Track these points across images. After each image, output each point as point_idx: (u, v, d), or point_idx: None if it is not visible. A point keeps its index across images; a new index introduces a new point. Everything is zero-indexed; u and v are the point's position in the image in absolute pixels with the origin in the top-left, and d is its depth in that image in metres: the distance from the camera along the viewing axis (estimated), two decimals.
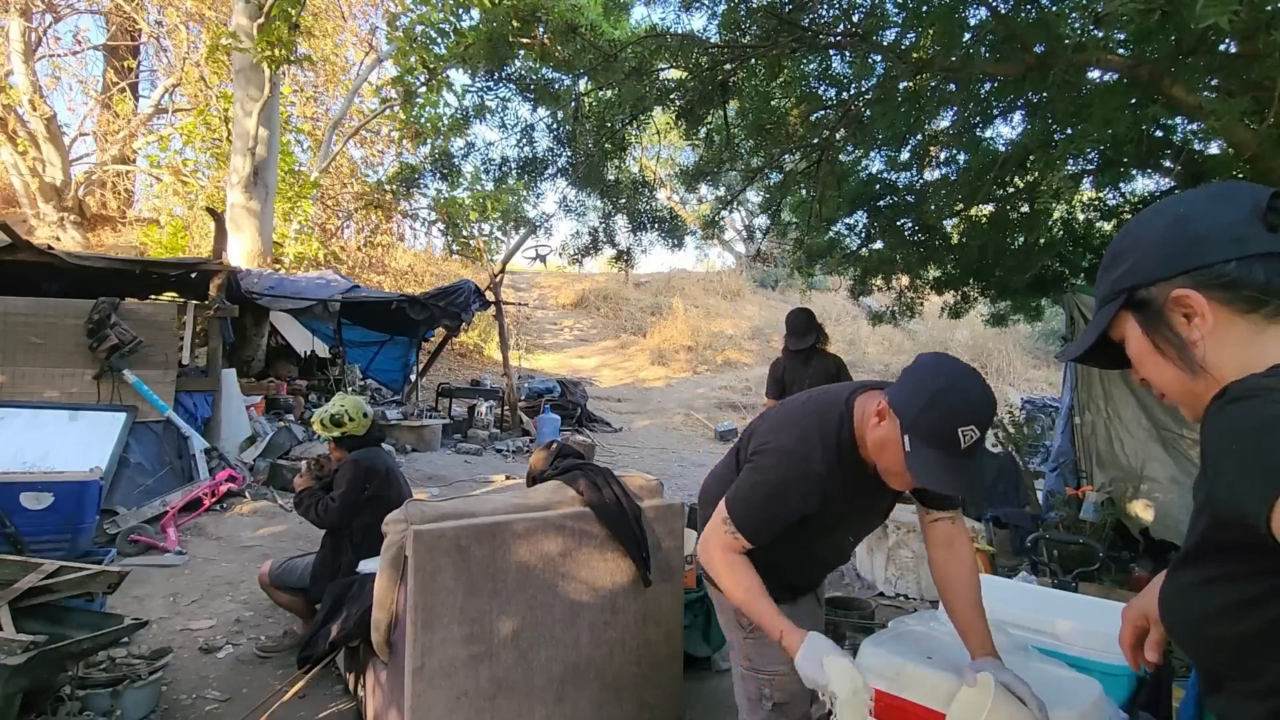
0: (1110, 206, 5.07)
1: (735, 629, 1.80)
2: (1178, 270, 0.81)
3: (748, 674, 1.79)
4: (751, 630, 1.74)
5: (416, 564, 2.17)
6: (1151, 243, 0.85)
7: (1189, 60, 2.83)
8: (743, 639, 1.78)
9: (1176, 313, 0.81)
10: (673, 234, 6.05)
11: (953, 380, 1.38)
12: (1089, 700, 1.45)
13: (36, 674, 2.28)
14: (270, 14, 7.69)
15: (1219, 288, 0.78)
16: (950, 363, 1.44)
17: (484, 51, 4.45)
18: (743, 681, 1.81)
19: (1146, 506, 4.15)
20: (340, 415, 3.27)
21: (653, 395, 12.90)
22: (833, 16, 3.81)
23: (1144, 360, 0.88)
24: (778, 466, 1.57)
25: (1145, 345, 0.86)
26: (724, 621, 1.87)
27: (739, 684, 1.84)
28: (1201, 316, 0.79)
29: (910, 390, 1.40)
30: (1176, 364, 0.83)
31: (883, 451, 1.47)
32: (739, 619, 1.76)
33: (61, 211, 11.71)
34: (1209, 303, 0.79)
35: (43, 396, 5.29)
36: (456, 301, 8.30)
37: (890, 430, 1.42)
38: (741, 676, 1.81)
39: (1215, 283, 0.78)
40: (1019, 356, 16.58)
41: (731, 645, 1.87)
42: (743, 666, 1.80)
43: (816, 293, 19.11)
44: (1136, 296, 0.85)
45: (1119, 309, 0.87)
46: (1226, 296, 0.78)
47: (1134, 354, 0.90)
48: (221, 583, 4.16)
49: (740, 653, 1.81)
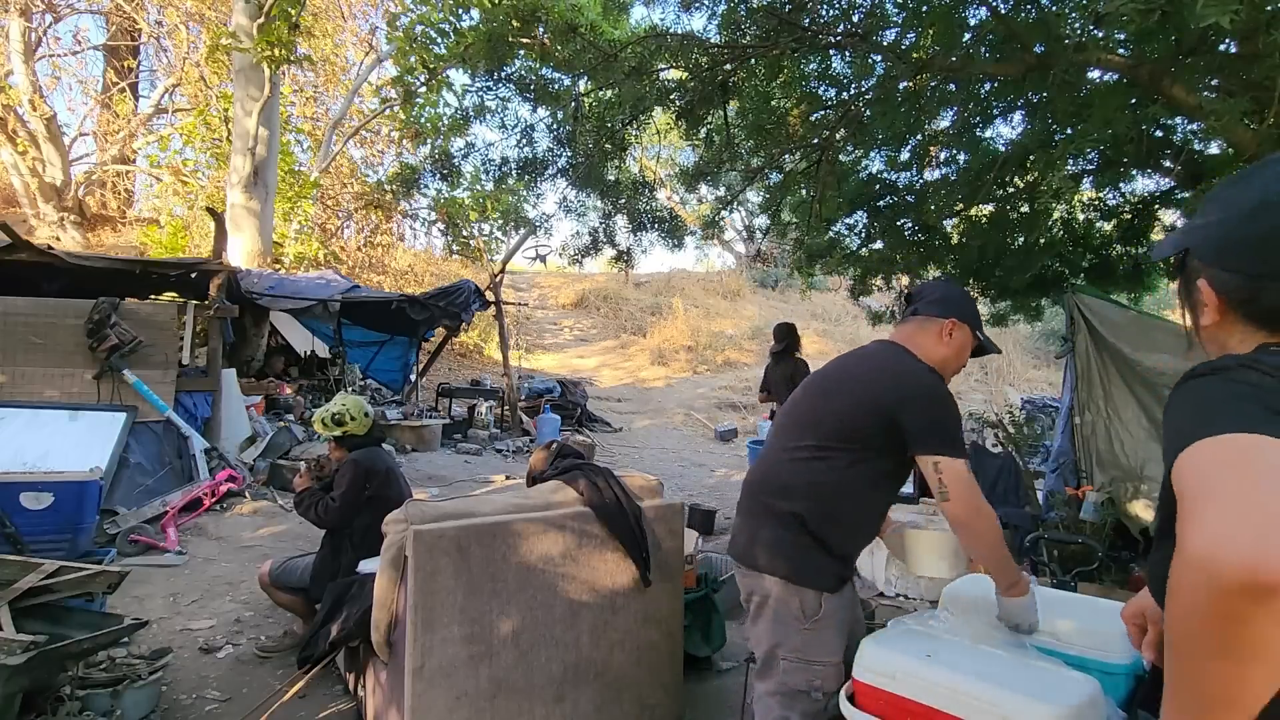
0: (1110, 206, 5.06)
1: (792, 621, 1.80)
2: (1216, 261, 0.83)
3: (797, 666, 1.79)
4: (812, 620, 1.77)
5: (416, 564, 2.17)
6: (1228, 217, 0.84)
7: (1189, 60, 2.83)
8: (800, 630, 1.79)
9: (1199, 291, 0.85)
10: (673, 234, 6.05)
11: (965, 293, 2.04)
12: (1087, 698, 1.45)
13: (36, 674, 2.28)
14: (270, 14, 7.70)
15: (1242, 295, 0.80)
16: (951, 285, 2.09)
17: (484, 51, 4.44)
18: (787, 675, 1.80)
19: (1146, 506, 4.14)
20: (341, 414, 3.27)
21: (653, 395, 12.90)
22: (833, 16, 3.81)
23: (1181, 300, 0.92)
24: (939, 384, 1.85)
25: (1182, 292, 0.90)
26: (774, 614, 1.83)
27: (780, 678, 1.82)
28: (1211, 309, 0.82)
29: (952, 306, 1.93)
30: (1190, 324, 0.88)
31: (962, 352, 1.95)
32: (802, 608, 1.78)
33: (61, 211, 11.71)
34: (1221, 302, 0.81)
35: (43, 396, 5.29)
36: (456, 301, 8.30)
37: (963, 334, 1.93)
38: (787, 670, 1.80)
39: (1240, 288, 0.80)
40: (1019, 356, 16.58)
41: (771, 640, 1.84)
42: (792, 659, 1.80)
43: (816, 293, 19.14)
44: (1185, 259, 0.88)
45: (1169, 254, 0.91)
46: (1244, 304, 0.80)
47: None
48: (221, 583, 4.16)
49: (790, 646, 1.80)
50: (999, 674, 1.51)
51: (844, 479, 1.82)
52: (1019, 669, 1.54)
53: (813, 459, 1.83)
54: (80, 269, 5.78)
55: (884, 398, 1.78)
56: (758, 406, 10.11)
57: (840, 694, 1.69)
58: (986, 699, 1.44)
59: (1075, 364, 4.40)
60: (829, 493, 1.82)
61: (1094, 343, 4.34)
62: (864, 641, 1.69)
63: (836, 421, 1.83)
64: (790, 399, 2.04)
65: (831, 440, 1.82)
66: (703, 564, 3.94)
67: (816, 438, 1.85)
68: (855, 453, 1.81)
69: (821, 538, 1.81)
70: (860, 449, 1.81)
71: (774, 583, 1.82)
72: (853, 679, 1.67)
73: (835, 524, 1.83)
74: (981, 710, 1.44)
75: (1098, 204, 5.09)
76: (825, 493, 1.82)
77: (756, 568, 1.85)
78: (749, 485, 1.98)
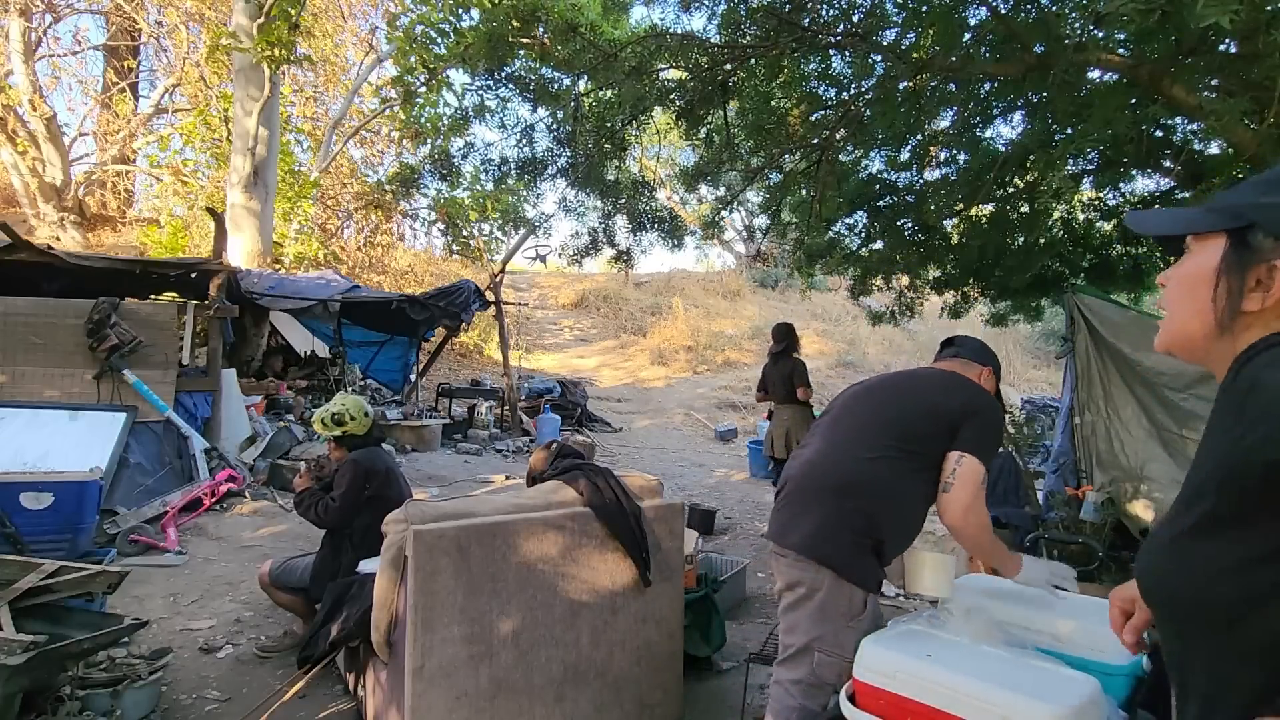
0: (1110, 206, 5.07)
1: (839, 616, 1.86)
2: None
3: (833, 661, 1.86)
4: (856, 618, 1.85)
5: (416, 564, 2.17)
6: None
7: (1189, 60, 2.83)
8: (845, 626, 1.85)
9: (1256, 272, 0.76)
10: (673, 234, 6.05)
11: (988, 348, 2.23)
12: (1087, 698, 1.45)
13: (36, 674, 2.28)
14: (270, 14, 7.69)
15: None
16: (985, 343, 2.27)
17: (484, 51, 4.44)
18: (821, 668, 1.87)
19: (1146, 506, 4.14)
20: (341, 414, 3.27)
21: (653, 395, 12.89)
22: (833, 16, 3.81)
23: (1190, 283, 0.82)
24: (999, 406, 2.05)
25: (1206, 274, 0.80)
26: (820, 607, 1.88)
27: (813, 669, 1.87)
28: (1271, 295, 0.75)
29: (990, 358, 2.17)
30: (1214, 312, 0.79)
31: None
32: (850, 605, 1.86)
33: (61, 211, 11.71)
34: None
35: (43, 396, 5.29)
36: (456, 301, 8.30)
37: (993, 383, 2.13)
38: (821, 663, 1.87)
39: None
40: (1019, 356, 16.58)
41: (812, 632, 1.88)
42: (830, 654, 1.86)
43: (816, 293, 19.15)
44: (1246, 235, 0.78)
45: (1223, 228, 0.80)
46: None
47: (1187, 269, 0.84)
48: (221, 583, 4.16)
49: (831, 640, 1.86)
50: (999, 674, 1.51)
51: (909, 486, 1.91)
52: (1019, 669, 1.54)
53: (887, 461, 1.90)
54: (80, 269, 5.78)
55: (954, 408, 1.92)
56: (757, 406, 10.12)
57: (840, 694, 1.69)
58: (986, 699, 1.44)
59: (1075, 364, 4.40)
60: (895, 496, 1.90)
61: (1094, 343, 4.34)
62: (864, 641, 1.69)
63: (912, 428, 1.92)
64: (848, 400, 2.12)
65: (908, 445, 1.91)
66: (703, 564, 3.94)
67: (892, 441, 1.92)
68: (920, 460, 1.90)
69: (880, 539, 1.89)
70: (925, 458, 1.90)
71: (829, 575, 1.87)
72: (853, 679, 1.68)
73: (894, 528, 1.92)
74: (981, 710, 1.44)
75: (1098, 204, 5.09)
76: (892, 496, 1.90)
77: (814, 558, 1.88)
78: (807, 478, 2.00)
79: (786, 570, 1.96)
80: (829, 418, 2.13)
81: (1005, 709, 1.41)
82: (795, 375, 5.59)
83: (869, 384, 2.17)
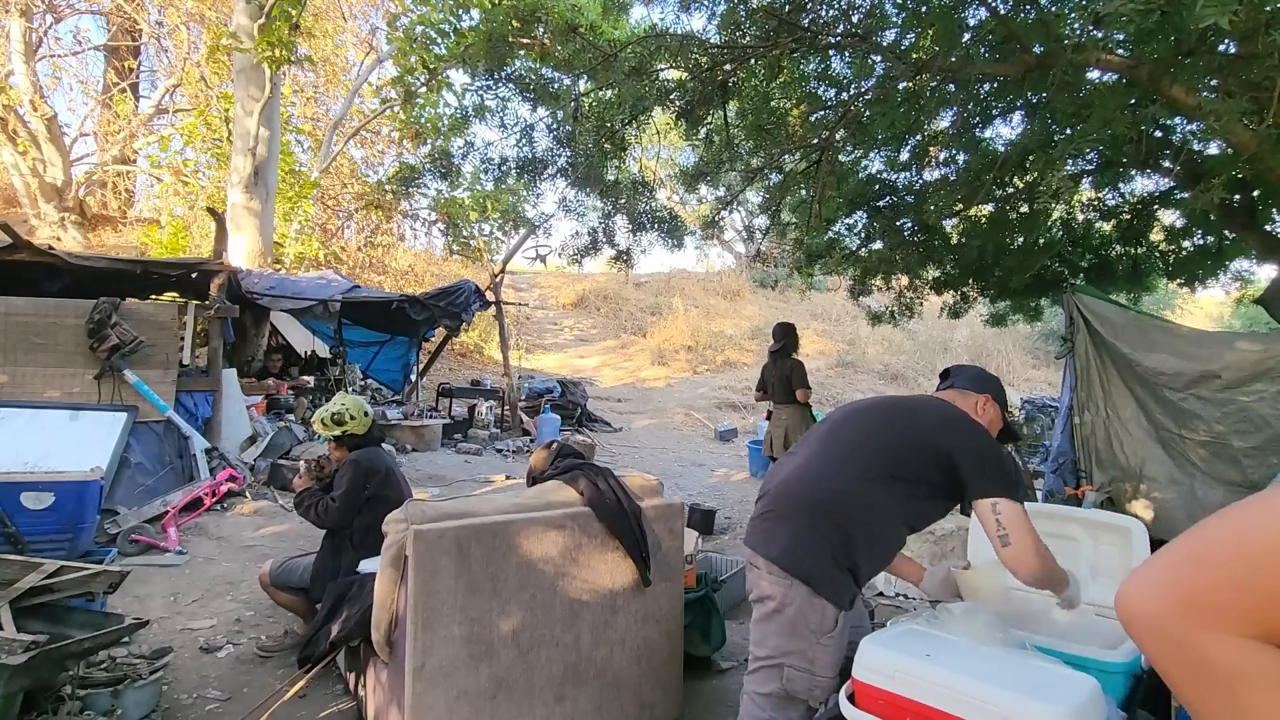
0: (1110, 206, 5.07)
1: (808, 633, 1.85)
2: None
3: (802, 675, 1.85)
4: (826, 635, 1.84)
5: (417, 563, 2.17)
6: None
7: (1189, 60, 2.83)
8: (815, 643, 1.85)
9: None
10: (673, 234, 6.04)
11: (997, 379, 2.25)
12: (1087, 698, 1.45)
13: (37, 673, 2.28)
14: (271, 14, 7.69)
15: None
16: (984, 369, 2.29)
17: (484, 51, 4.45)
18: (790, 683, 1.87)
19: (1146, 506, 4.15)
20: (342, 414, 3.27)
21: (653, 395, 12.89)
22: (832, 17, 3.81)
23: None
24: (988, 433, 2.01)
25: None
26: (790, 623, 1.87)
27: (781, 684, 1.88)
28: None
29: (988, 385, 2.15)
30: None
31: (993, 427, 2.08)
32: (821, 621, 1.85)
33: (62, 211, 11.71)
34: None
35: (43, 396, 5.29)
36: (456, 301, 8.29)
37: (994, 411, 2.12)
38: (791, 678, 1.87)
39: None
40: (1018, 356, 16.60)
41: (782, 647, 1.88)
42: (799, 669, 1.86)
43: (816, 293, 19.16)
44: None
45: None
46: None
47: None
48: (222, 582, 4.16)
49: (800, 656, 1.86)
50: (999, 674, 1.51)
51: (889, 512, 1.90)
52: (1019, 669, 1.55)
53: (870, 485, 1.89)
54: (81, 269, 5.78)
55: (942, 440, 1.88)
56: (757, 406, 10.12)
57: (840, 694, 1.70)
58: (986, 699, 1.44)
59: (1075, 364, 4.40)
60: (874, 520, 1.89)
61: (1093, 343, 4.34)
62: (864, 641, 1.69)
63: (898, 455, 1.91)
64: (839, 420, 2.11)
65: (892, 470, 1.89)
66: (703, 564, 3.94)
67: (877, 466, 1.90)
68: (903, 487, 1.88)
69: (858, 559, 1.88)
70: (918, 485, 1.89)
71: (803, 590, 1.85)
72: (852, 678, 1.68)
73: (873, 549, 1.91)
74: (981, 710, 1.44)
75: (1097, 204, 5.10)
76: (871, 519, 1.88)
77: (791, 571, 1.86)
78: (790, 492, 1.98)
79: (759, 583, 1.95)
80: (817, 434, 2.11)
81: (1005, 709, 1.42)
82: (794, 376, 5.59)
83: (860, 406, 2.14)
